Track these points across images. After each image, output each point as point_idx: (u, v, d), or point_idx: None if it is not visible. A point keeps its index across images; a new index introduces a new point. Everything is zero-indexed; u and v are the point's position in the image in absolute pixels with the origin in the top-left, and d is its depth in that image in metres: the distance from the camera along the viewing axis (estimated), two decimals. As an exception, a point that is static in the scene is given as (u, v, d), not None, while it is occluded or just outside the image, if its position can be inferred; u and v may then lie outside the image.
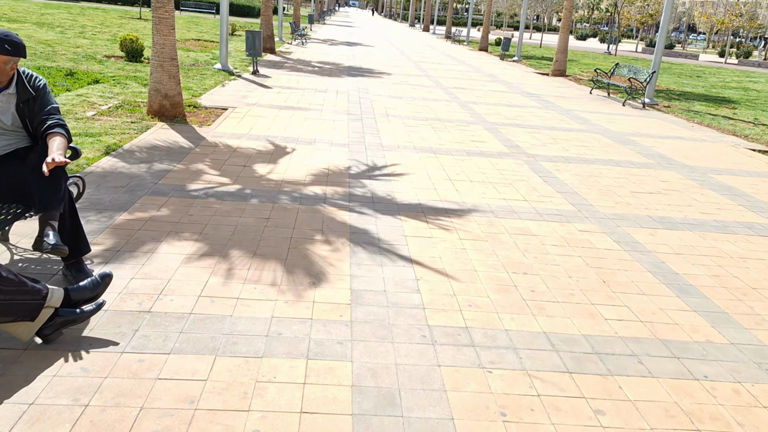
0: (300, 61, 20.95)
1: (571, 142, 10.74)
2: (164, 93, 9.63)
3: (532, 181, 7.81)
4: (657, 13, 50.85)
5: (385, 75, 18.84)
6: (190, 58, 18.00)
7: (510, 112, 13.49)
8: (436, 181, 7.44)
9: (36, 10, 30.07)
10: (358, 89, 15.06)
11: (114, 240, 4.78)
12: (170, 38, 9.57)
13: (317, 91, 14.13)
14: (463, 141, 9.97)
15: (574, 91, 19.01)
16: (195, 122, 9.59)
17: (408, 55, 27.72)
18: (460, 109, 13.41)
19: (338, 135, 9.56)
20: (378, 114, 11.83)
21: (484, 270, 4.87)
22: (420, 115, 12.17)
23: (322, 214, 5.83)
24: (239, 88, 13.37)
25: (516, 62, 29.75)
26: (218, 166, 7.18)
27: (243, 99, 12.02)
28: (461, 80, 19.25)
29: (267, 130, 9.41)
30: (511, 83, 19.73)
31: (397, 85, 16.65)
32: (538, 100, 16.16)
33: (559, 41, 23.73)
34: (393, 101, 13.61)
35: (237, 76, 15.38)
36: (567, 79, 23.20)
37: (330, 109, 11.88)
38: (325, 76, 17.04)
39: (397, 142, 9.49)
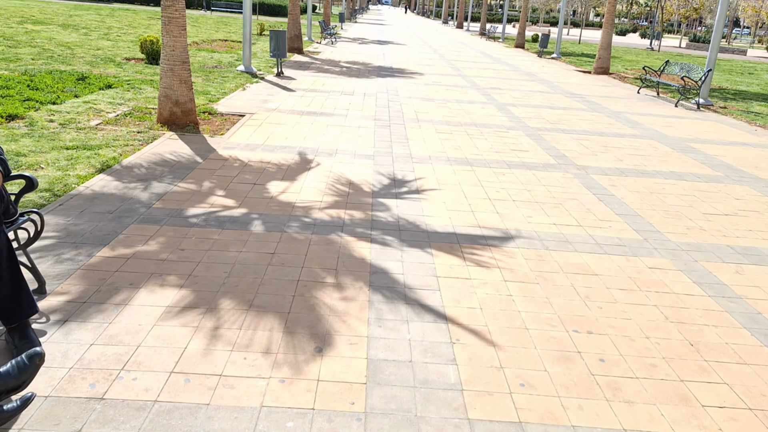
0: (328, 61, 20.11)
1: (624, 150, 9.59)
2: (175, 99, 8.85)
3: (585, 200, 6.74)
4: (702, 7, 48.57)
5: (416, 75, 17.85)
6: (214, 59, 17.32)
7: (553, 116, 12.36)
8: (473, 200, 6.44)
9: (65, 12, 29.98)
10: (387, 91, 14.12)
11: (83, 286, 3.94)
12: (181, 39, 8.78)
13: (343, 93, 13.23)
14: (502, 150, 8.93)
15: (620, 91, 17.69)
16: (207, 131, 8.78)
17: (441, 54, 26.65)
18: (498, 112, 12.34)
19: (363, 144, 8.63)
20: (408, 119, 10.86)
21: (537, 327, 3.87)
22: (454, 119, 11.15)
23: (338, 247, 4.90)
24: (260, 92, 12.56)
25: (555, 60, 28.39)
26: (225, 185, 6.32)
27: (263, 104, 11.19)
28: (498, 80, 18.12)
29: (285, 140, 8.53)
30: (551, 82, 18.52)
31: (429, 86, 15.64)
32: (582, 101, 14.96)
33: (602, 37, 22.35)
34: (424, 104, 12.62)
35: (260, 78, 14.60)
36: (611, 77, 21.83)
37: (356, 114, 10.97)
38: (352, 77, 16.15)
39: (429, 152, 8.51)
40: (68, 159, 6.72)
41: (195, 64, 15.89)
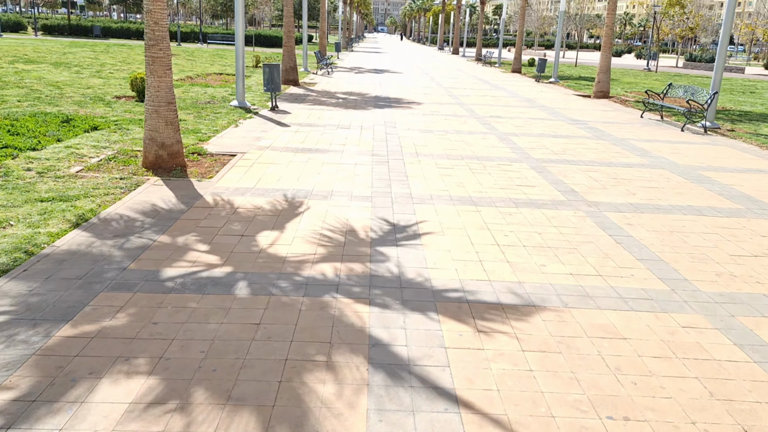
0: (324, 92, 19.79)
1: (635, 182, 9.09)
2: (161, 142, 8.40)
3: (601, 243, 6.22)
4: (697, 26, 48.70)
5: (414, 105, 17.49)
6: (207, 94, 16.98)
7: (557, 145, 11.91)
8: (480, 247, 5.92)
9: (60, 50, 29.88)
10: (385, 123, 13.71)
11: (34, 379, 3.40)
12: (166, 79, 8.35)
13: (339, 127, 12.81)
14: (507, 186, 8.44)
15: (623, 115, 17.29)
16: (195, 174, 8.30)
17: (438, 81, 26.40)
18: (500, 142, 11.90)
19: (360, 184, 8.14)
20: (407, 153, 10.40)
21: (565, 414, 3.31)
22: (454, 152, 10.69)
23: (332, 313, 4.36)
24: (254, 128, 12.14)
25: (553, 84, 28.15)
26: (209, 238, 5.81)
27: (256, 141, 10.75)
28: (497, 107, 17.75)
29: (277, 182, 8.05)
30: (551, 108, 18.14)
31: (428, 116, 15.25)
32: (585, 127, 14.54)
33: (601, 61, 22.07)
34: (423, 136, 12.18)
35: (254, 113, 14.21)
36: (611, 101, 21.49)
37: (352, 149, 10.51)
38: (349, 109, 15.77)
39: (430, 190, 8.01)
40: (41, 213, 6.22)
41: (187, 99, 15.53)
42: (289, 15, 21.51)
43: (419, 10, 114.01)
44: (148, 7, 8.09)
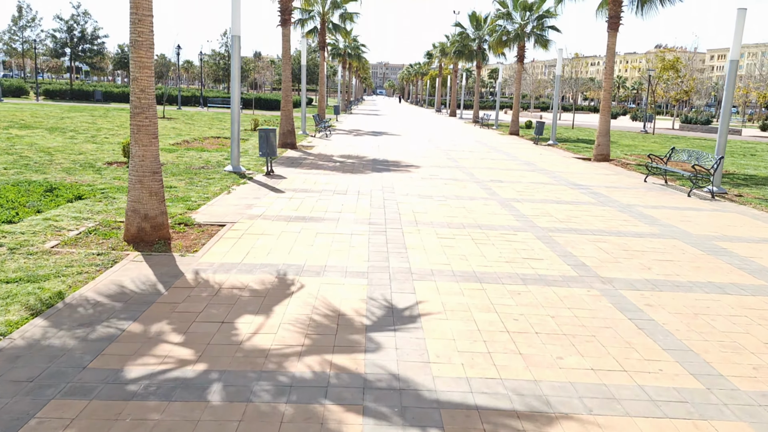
0: (321, 156, 19.55)
1: (648, 254, 8.56)
2: (144, 214, 7.91)
3: (621, 329, 5.62)
4: (692, 90, 49.46)
5: (412, 168, 17.18)
6: (202, 159, 16.68)
7: (561, 212, 11.45)
8: (487, 334, 5.32)
9: (58, 114, 29.99)
10: (383, 188, 13.31)
11: None
12: (152, 149, 7.94)
13: (336, 192, 12.39)
14: (513, 259, 7.89)
15: (626, 179, 16.96)
16: (180, 248, 7.77)
17: (436, 143, 26.31)
18: (502, 209, 11.44)
19: (356, 258, 7.60)
20: (405, 221, 9.92)
21: None
22: (455, 220, 10.21)
23: (319, 425, 3.73)
24: (247, 195, 11.70)
25: (551, 146, 28.09)
26: (185, 326, 5.21)
27: (247, 209, 10.28)
28: (497, 171, 17.44)
29: (266, 256, 7.50)
30: (552, 172, 17.83)
31: (426, 180, 14.88)
32: (589, 192, 14.14)
33: (600, 124, 22.00)
34: (422, 202, 11.74)
35: (248, 178, 13.83)
36: (612, 164, 21.26)
37: (348, 217, 10.03)
38: (347, 173, 15.42)
39: (430, 264, 7.47)
40: (4, 297, 5.65)
41: (181, 165, 15.20)
42: (287, 79, 21.56)
43: (417, 74, 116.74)
44: (135, 75, 7.78)
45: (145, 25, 7.72)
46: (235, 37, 14.37)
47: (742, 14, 14.21)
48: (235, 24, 14.25)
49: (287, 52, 21.14)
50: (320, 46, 35.54)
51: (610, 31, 21.60)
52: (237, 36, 14.37)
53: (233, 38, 14.39)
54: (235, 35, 14.36)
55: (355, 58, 63.26)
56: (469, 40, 49.62)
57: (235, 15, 14.23)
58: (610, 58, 21.77)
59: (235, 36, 14.36)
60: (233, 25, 14.28)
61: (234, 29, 14.28)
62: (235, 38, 14.37)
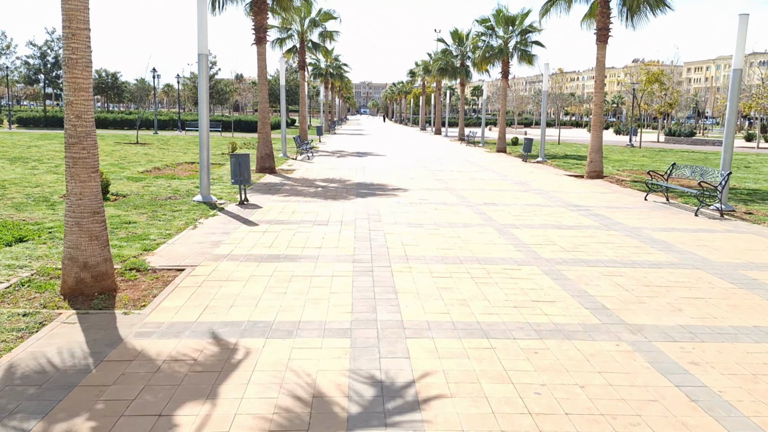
0: (302, 180, 18.36)
1: (673, 290, 7.44)
2: (83, 262, 6.66)
3: (670, 402, 4.45)
4: (675, 102, 49.16)
5: (400, 192, 16.05)
6: (171, 188, 15.42)
7: (565, 239, 10.34)
8: (506, 420, 4.13)
9: (26, 143, 28.57)
10: (368, 216, 12.13)
11: None
12: (90, 185, 6.72)
13: (316, 223, 11.20)
14: (522, 303, 6.73)
15: (625, 198, 15.95)
16: (125, 302, 6.51)
17: (423, 163, 25.26)
18: (501, 238, 10.31)
19: (337, 308, 6.40)
20: (394, 257, 8.74)
21: None
22: (451, 253, 9.06)
23: None
24: (215, 229, 10.47)
25: (541, 164, 27.17)
26: (108, 424, 3.96)
27: (213, 248, 9.04)
28: (489, 192, 16.36)
29: (227, 311, 6.27)
30: (547, 192, 16.79)
31: (416, 205, 13.74)
32: (589, 214, 13.07)
33: (592, 140, 21.08)
34: (412, 232, 10.58)
35: (219, 209, 12.59)
36: (606, 181, 20.31)
37: (330, 254, 8.84)
38: (329, 200, 14.25)
39: (426, 314, 6.28)
40: None
41: (146, 195, 13.93)
42: (263, 100, 20.44)
43: (400, 92, 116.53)
44: (69, 99, 6.58)
45: (81, 41, 6.54)
46: (201, 55, 13.23)
47: (744, 20, 13.36)
48: (202, 41, 13.12)
49: (263, 71, 20.05)
50: (300, 66, 34.58)
51: (599, 43, 20.80)
52: (203, 54, 13.23)
53: (199, 56, 13.25)
54: (202, 53, 13.22)
55: (337, 77, 62.48)
56: (452, 57, 49.03)
57: (201, 32, 13.11)
58: (600, 71, 20.94)
59: (202, 54, 13.23)
60: (199, 43, 13.15)
61: (200, 47, 13.15)
62: (202, 56, 13.23)
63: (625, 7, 20.77)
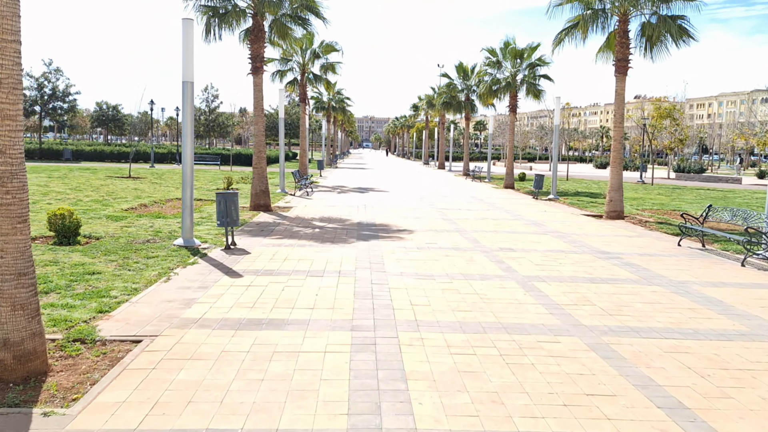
0: (298, 219, 16.88)
1: (762, 375, 5.84)
2: (2, 339, 5.13)
3: None
4: (686, 138, 48.01)
5: (405, 234, 14.54)
6: (153, 229, 13.92)
7: (602, 297, 8.77)
8: None
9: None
10: (370, 264, 10.60)
11: None
12: (16, 239, 5.21)
13: (310, 274, 9.66)
14: (572, 399, 5.13)
15: (656, 243, 14.41)
16: (53, 392, 4.95)
17: (429, 201, 23.81)
18: (527, 295, 8.75)
19: (327, 406, 4.81)
20: (402, 323, 7.18)
21: None
22: (469, 317, 7.49)
23: None
24: (191, 282, 8.93)
25: (552, 201, 25.72)
26: None
27: (184, 309, 7.49)
28: (504, 235, 14.84)
29: (179, 416, 4.67)
30: (567, 235, 15.26)
31: (423, 250, 12.21)
32: (622, 264, 11.52)
33: (612, 177, 19.64)
34: (422, 287, 9.03)
35: (201, 255, 11.07)
36: (628, 222, 18.79)
37: (323, 318, 7.28)
38: (326, 243, 12.73)
39: (449, 419, 4.69)
40: None
41: (122, 238, 12.43)
42: (259, 133, 19.10)
43: (403, 126, 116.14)
44: (-14, 129, 5.11)
45: (7, 56, 5.12)
46: (186, 83, 11.89)
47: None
48: (187, 68, 11.80)
49: (259, 102, 18.76)
50: (301, 99, 33.47)
51: (618, 75, 19.53)
52: (189, 82, 11.89)
53: (184, 84, 11.90)
54: (187, 81, 11.88)
55: (339, 111, 61.65)
56: (457, 91, 48.12)
57: (186, 58, 11.79)
58: (619, 105, 19.62)
59: (187, 82, 11.88)
60: (184, 70, 11.82)
61: (185, 74, 11.82)
62: (187, 84, 11.89)
63: (644, 38, 19.56)
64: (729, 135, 79.54)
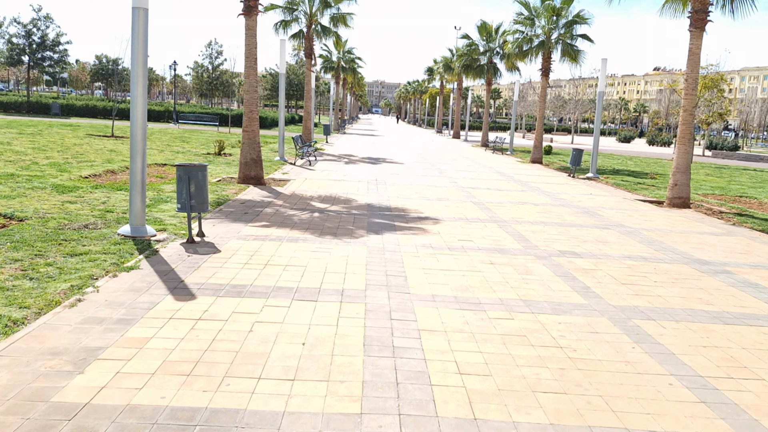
0: (294, 198, 13.59)
1: None
2: None
3: None
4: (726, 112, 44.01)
5: (428, 223, 11.26)
6: (104, 206, 10.68)
7: (755, 352, 5.51)
8: None
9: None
10: (387, 279, 7.36)
11: None
12: None
13: (297, 297, 6.43)
14: None
15: (756, 245, 11.05)
16: None
17: (450, 176, 20.43)
18: (636, 349, 5.48)
19: None
20: (450, 422, 3.95)
21: None
22: (570, 414, 4.25)
23: None
24: (111, 309, 5.69)
25: (592, 181, 22.28)
26: None
27: (66, 378, 4.28)
28: (555, 228, 11.51)
29: None
30: (638, 232, 11.91)
31: (458, 253, 8.95)
32: (740, 283, 8.20)
33: (678, 156, 16.15)
34: (469, 328, 5.79)
35: (151, 252, 7.84)
36: (697, 211, 15.40)
37: (308, 408, 4.05)
38: (326, 237, 9.50)
39: None
40: None
41: (55, 220, 9.20)
42: (251, 88, 15.65)
43: (415, 92, 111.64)
44: None
45: None
46: (137, 9, 8.47)
47: None
48: (135, -14, 8.35)
49: (252, 50, 15.27)
50: (306, 54, 29.82)
51: (693, 30, 15.85)
52: (140, 8, 8.47)
53: (134, 11, 8.48)
54: (138, 7, 8.45)
55: (349, 72, 57.66)
56: (478, 53, 44.08)
57: (135, -29, 8.33)
58: (693, 67, 15.95)
59: (138, 8, 8.46)
60: (131, -12, 8.37)
61: (132, -5, 8.38)
62: (138, 11, 8.47)
63: (726, -13, 15.86)
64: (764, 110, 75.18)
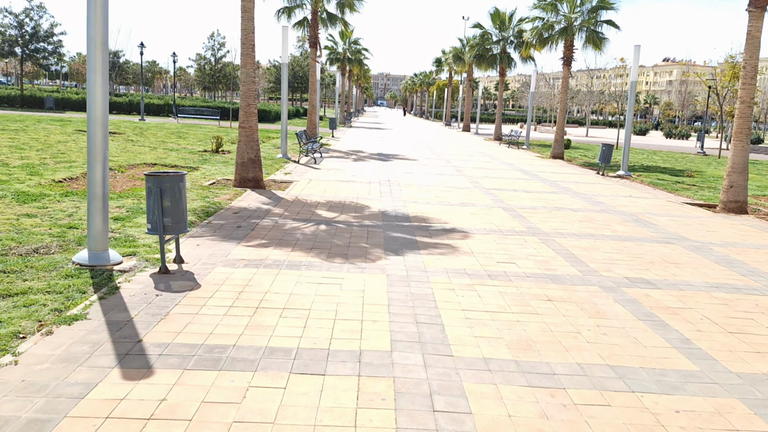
0: (297, 205, 11.72)
1: None
2: None
3: None
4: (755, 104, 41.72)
5: (457, 238, 9.38)
6: (68, 222, 8.84)
7: None
8: None
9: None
10: (419, 333, 5.50)
11: None
12: None
13: (297, 366, 4.58)
14: None
15: None
16: None
17: (471, 177, 18.49)
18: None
19: None
20: None
21: None
22: None
23: None
24: (26, 398, 3.85)
25: (625, 179, 20.32)
26: None
27: None
28: (610, 244, 9.61)
29: None
30: (706, 246, 10.00)
31: (501, 282, 7.07)
32: None
33: (735, 154, 14.18)
34: (540, 407, 3.92)
35: (111, 289, 6.00)
36: (758, 217, 13.45)
37: None
38: (335, 262, 7.63)
39: None
40: None
41: (3, 240, 7.37)
42: (248, 79, 13.73)
43: (422, 84, 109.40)
44: None
45: None
46: (91, -26, 6.59)
47: None
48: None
49: (249, 35, 13.36)
50: (311, 43, 27.83)
51: (752, 10, 13.83)
52: (95, -28, 6.58)
53: (87, -23, 6.60)
54: (92, -30, 6.57)
55: (355, 63, 55.67)
56: (491, 42, 41.98)
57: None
58: (753, 52, 13.94)
59: (92, -28, 6.58)
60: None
61: (82, -47, 6.47)
62: (91, -23, 6.59)
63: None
64: None
